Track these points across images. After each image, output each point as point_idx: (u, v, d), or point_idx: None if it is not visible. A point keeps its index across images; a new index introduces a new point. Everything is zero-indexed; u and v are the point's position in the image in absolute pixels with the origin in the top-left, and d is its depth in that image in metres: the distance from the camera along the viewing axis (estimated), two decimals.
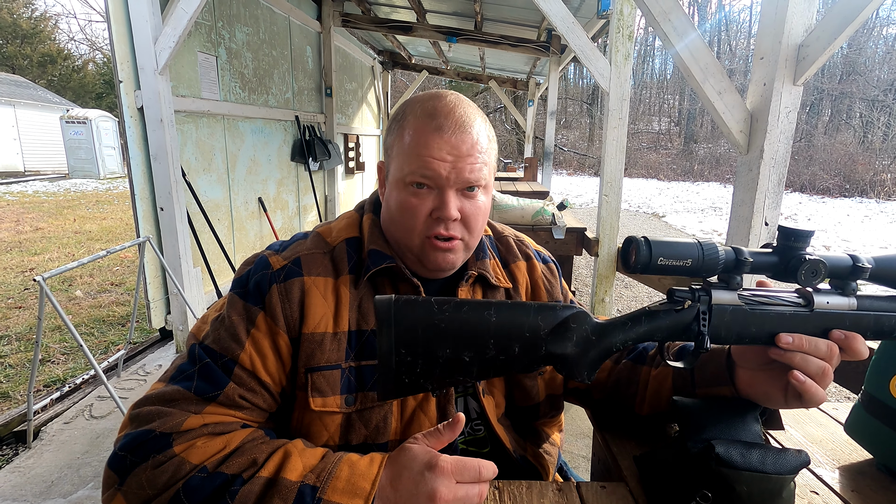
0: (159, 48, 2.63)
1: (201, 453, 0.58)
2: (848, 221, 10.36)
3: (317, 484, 0.56)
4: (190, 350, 0.69)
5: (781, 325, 0.59)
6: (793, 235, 0.57)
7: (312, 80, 5.53)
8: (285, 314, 0.70)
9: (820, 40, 1.52)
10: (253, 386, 0.67)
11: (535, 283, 0.88)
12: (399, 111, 0.76)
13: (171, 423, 0.60)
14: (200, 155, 3.57)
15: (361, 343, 0.73)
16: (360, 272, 0.75)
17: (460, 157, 0.70)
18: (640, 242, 0.55)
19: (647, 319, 0.59)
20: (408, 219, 0.72)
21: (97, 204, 9.86)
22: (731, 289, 0.59)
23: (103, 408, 2.49)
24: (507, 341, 0.56)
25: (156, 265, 3.05)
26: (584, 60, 2.49)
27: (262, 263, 0.73)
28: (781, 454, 0.57)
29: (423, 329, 0.55)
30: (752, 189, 1.71)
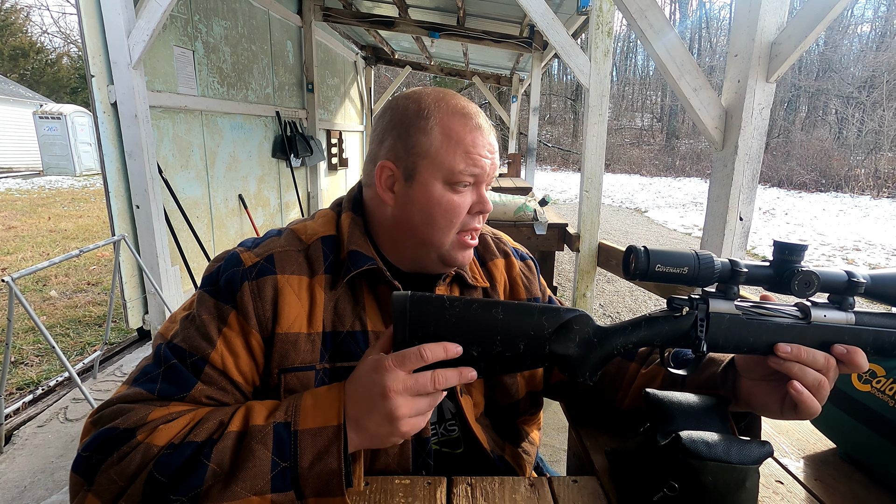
0: (133, 42, 2.57)
1: (166, 434, 0.57)
2: (824, 216, 10.62)
3: (287, 419, 0.57)
4: (156, 350, 0.67)
5: (778, 335, 0.61)
6: (787, 249, 0.60)
7: (293, 76, 5.45)
8: (258, 313, 0.68)
9: (792, 38, 1.54)
10: (224, 385, 0.66)
11: (513, 281, 0.89)
12: (415, 108, 0.73)
13: (135, 417, 0.59)
14: (178, 151, 3.50)
15: (337, 344, 0.72)
16: (336, 272, 0.74)
17: (493, 153, 0.75)
18: (640, 251, 0.58)
19: (647, 325, 0.62)
20: (450, 217, 0.73)
21: (73, 202, 9.62)
22: (729, 298, 0.61)
23: (78, 410, 2.44)
24: (513, 339, 0.59)
25: (132, 264, 2.99)
26: (565, 57, 2.50)
27: (233, 260, 0.71)
28: (746, 445, 0.59)
29: (435, 324, 0.57)
30: (727, 185, 1.74)
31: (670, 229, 9.28)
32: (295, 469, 0.55)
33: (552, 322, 0.60)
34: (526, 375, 0.85)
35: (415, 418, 0.57)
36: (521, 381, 0.84)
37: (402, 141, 0.73)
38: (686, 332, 0.61)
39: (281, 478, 0.55)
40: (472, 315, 0.58)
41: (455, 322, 0.58)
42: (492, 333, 0.58)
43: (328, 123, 6.68)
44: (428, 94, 0.75)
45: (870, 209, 11.53)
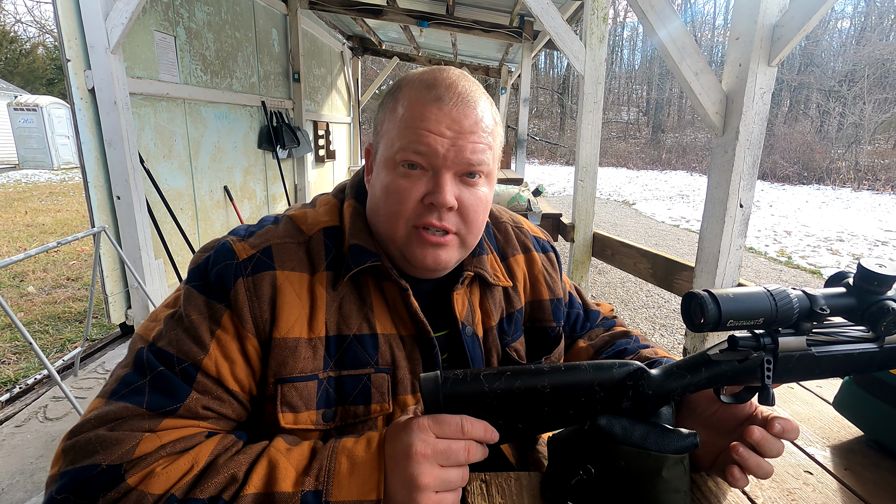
0: (110, 25, 2.46)
1: (164, 480, 0.48)
2: (807, 208, 10.78)
3: (318, 487, 0.49)
4: (137, 356, 0.57)
5: (848, 364, 0.57)
6: (875, 280, 0.54)
7: (279, 65, 5.33)
8: (254, 314, 0.60)
9: (794, 20, 1.51)
10: (220, 394, 0.58)
11: (534, 279, 0.82)
12: (394, 85, 0.68)
13: (120, 451, 0.49)
14: (160, 141, 3.38)
15: (342, 350, 0.64)
16: (339, 269, 0.66)
17: (461, 133, 0.61)
18: (707, 303, 0.51)
19: (707, 368, 0.57)
20: (393, 203, 0.62)
21: (51, 196, 9.35)
22: (801, 334, 0.56)
23: (59, 409, 2.35)
24: (562, 408, 0.55)
25: (113, 257, 2.88)
26: (559, 43, 2.45)
27: (225, 251, 0.63)
28: (668, 433, 0.55)
29: (474, 407, 0.53)
30: (727, 171, 1.71)
31: (658, 221, 9.33)
32: None
33: (604, 384, 0.55)
34: None
35: (440, 494, 0.49)
36: None
37: (375, 121, 0.69)
38: (750, 374, 0.56)
39: None
40: (516, 392, 0.54)
41: (497, 404, 0.53)
42: (539, 406, 0.55)
43: (315, 114, 6.56)
44: (418, 70, 0.68)
45: (851, 201, 11.74)
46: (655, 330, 3.80)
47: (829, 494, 0.63)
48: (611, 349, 0.83)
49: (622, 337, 0.85)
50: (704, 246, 1.83)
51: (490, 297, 0.76)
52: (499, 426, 0.55)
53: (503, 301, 0.77)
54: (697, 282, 1.88)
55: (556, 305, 0.82)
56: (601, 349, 0.84)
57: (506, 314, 0.77)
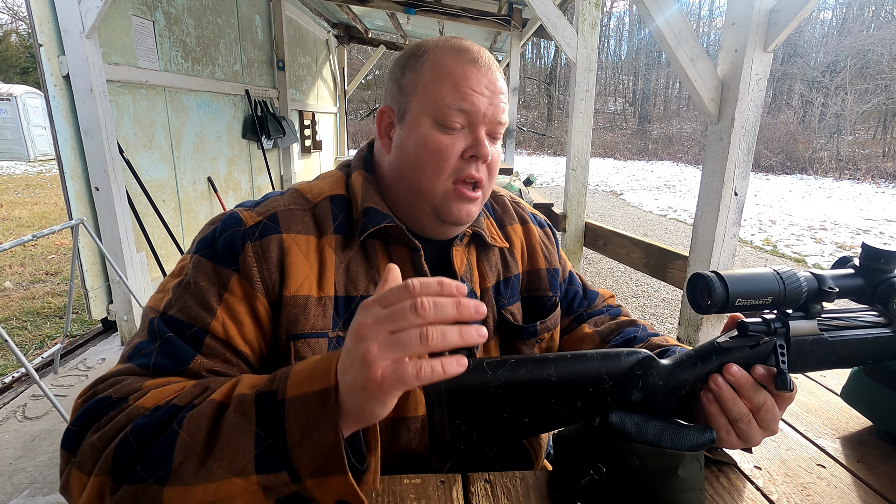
0: (85, 8, 2.35)
1: (156, 397, 0.50)
2: (790, 197, 10.94)
3: (274, 388, 0.46)
4: (149, 325, 0.59)
5: (863, 350, 0.56)
6: (882, 257, 0.53)
7: (263, 53, 5.20)
8: (262, 275, 0.62)
9: (791, 5, 1.49)
10: (228, 356, 0.59)
11: (531, 248, 0.83)
12: (414, 50, 0.69)
13: (130, 387, 0.52)
14: (140, 130, 3.27)
15: (351, 310, 0.66)
16: (348, 233, 0.68)
17: (495, 93, 0.67)
18: (713, 282, 0.49)
19: (717, 356, 0.55)
20: (437, 160, 0.65)
21: (27, 188, 9.08)
22: (811, 317, 0.54)
23: (38, 407, 2.27)
24: (570, 398, 0.53)
25: (93, 251, 2.79)
26: (551, 29, 2.41)
27: (233, 220, 0.64)
28: (682, 429, 0.53)
29: (477, 399, 0.51)
30: (722, 158, 1.70)
31: (646, 211, 9.39)
32: (284, 445, 0.44)
33: (613, 373, 0.53)
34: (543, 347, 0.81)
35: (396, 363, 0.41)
36: (537, 351, 0.80)
37: (397, 83, 0.70)
38: (763, 360, 0.54)
39: (268, 456, 0.44)
40: (521, 381, 0.52)
41: (501, 394, 0.51)
42: (545, 397, 0.52)
43: (300, 104, 6.43)
44: (433, 38, 0.70)
45: (833, 190, 11.94)
46: (646, 320, 3.82)
47: (844, 489, 0.61)
48: (618, 337, 0.81)
49: (629, 325, 0.83)
50: (699, 234, 1.82)
51: (486, 259, 0.77)
52: (504, 420, 0.52)
53: (499, 264, 0.79)
54: (691, 271, 1.87)
55: (553, 276, 0.84)
56: (608, 337, 0.82)
57: (502, 278, 0.79)
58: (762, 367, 0.54)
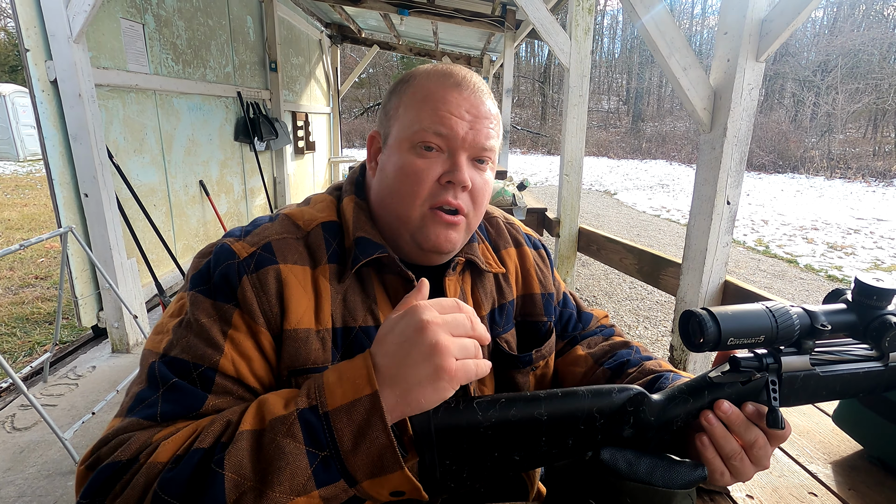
0: (72, 12, 2.31)
1: (170, 448, 0.48)
2: (782, 196, 11.01)
3: (312, 402, 0.48)
4: (149, 370, 0.56)
5: (855, 384, 0.56)
6: (875, 294, 0.53)
7: (255, 54, 5.15)
8: (263, 309, 0.60)
9: (784, 14, 1.49)
10: (241, 394, 0.57)
11: (526, 272, 0.82)
12: (405, 76, 0.70)
13: (138, 444, 0.50)
14: (130, 134, 3.24)
15: (349, 342, 0.64)
16: (342, 262, 0.66)
17: (478, 118, 0.65)
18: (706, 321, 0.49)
19: (709, 392, 0.55)
20: (412, 184, 0.64)
21: (17, 189, 8.98)
22: (803, 352, 0.54)
23: (28, 418, 2.25)
24: (561, 436, 0.52)
25: (82, 257, 2.75)
26: (544, 34, 2.40)
27: (225, 252, 0.62)
28: (674, 466, 0.53)
29: (467, 438, 0.51)
30: (714, 168, 1.70)
31: (640, 211, 9.42)
32: (338, 455, 0.46)
33: (604, 410, 0.53)
34: (538, 374, 0.80)
35: (462, 361, 0.48)
36: (532, 380, 0.79)
37: (384, 108, 0.70)
38: (755, 395, 0.54)
39: (324, 469, 0.46)
40: (511, 420, 0.51)
41: (492, 434, 0.51)
42: (536, 436, 0.51)
43: (293, 105, 6.39)
44: (426, 65, 0.70)
45: (824, 189, 12.04)
46: (639, 322, 3.83)
47: None
48: (612, 360, 0.80)
49: (623, 347, 0.83)
50: (692, 243, 1.82)
51: (481, 287, 0.76)
52: (494, 458, 0.51)
53: (494, 292, 0.78)
54: (685, 279, 1.87)
55: (548, 300, 0.83)
56: (601, 359, 0.82)
57: (497, 305, 0.77)
58: (753, 405, 0.54)
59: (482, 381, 0.75)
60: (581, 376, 0.81)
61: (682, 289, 1.88)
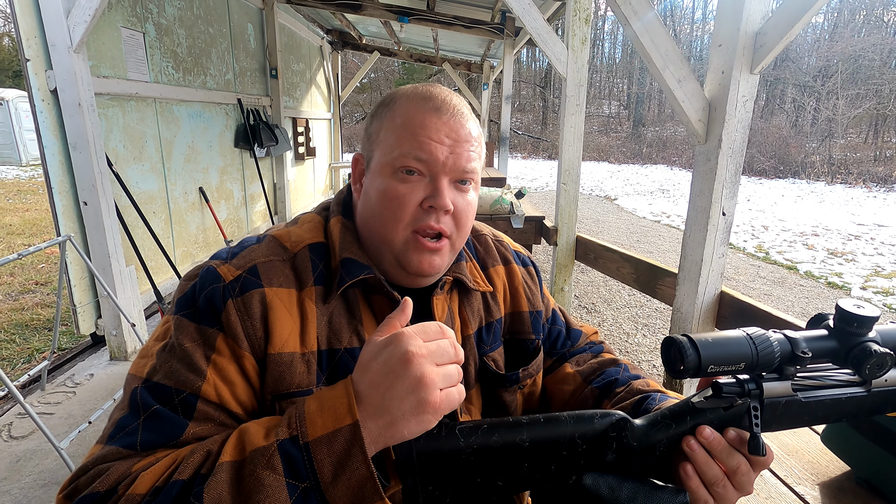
0: (73, 22, 2.33)
1: (149, 479, 0.48)
2: (783, 202, 11.01)
3: (293, 433, 0.48)
4: (131, 396, 0.56)
5: (837, 410, 0.56)
6: (855, 321, 0.53)
7: (256, 61, 5.18)
8: (247, 333, 0.60)
9: (777, 28, 1.50)
10: (223, 419, 0.57)
11: (514, 290, 0.82)
12: (385, 98, 0.70)
13: (116, 475, 0.50)
14: (129, 142, 3.25)
15: (334, 364, 0.64)
16: (328, 283, 0.66)
17: (458, 141, 0.65)
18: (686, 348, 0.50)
19: (692, 417, 0.55)
20: (393, 209, 0.65)
21: (18, 193, 9.01)
22: (785, 378, 0.55)
23: (25, 426, 2.25)
24: (543, 462, 0.53)
25: (81, 266, 2.76)
26: (541, 44, 2.41)
27: (211, 276, 0.62)
28: (656, 491, 0.54)
29: (450, 465, 0.51)
30: (710, 179, 1.70)
31: (640, 217, 9.42)
32: (318, 486, 0.46)
33: (586, 436, 0.53)
34: (525, 392, 0.80)
35: (447, 390, 0.49)
36: (520, 398, 0.79)
37: (367, 131, 0.71)
38: (737, 421, 0.55)
39: (304, 500, 0.46)
40: (493, 446, 0.52)
41: (474, 460, 0.51)
42: (518, 461, 0.52)
43: (294, 111, 6.42)
44: (408, 86, 0.70)
45: (825, 195, 12.03)
46: (638, 330, 3.83)
47: None
48: (600, 378, 0.80)
49: (611, 365, 0.83)
50: (687, 254, 1.82)
51: (468, 306, 0.76)
52: (477, 484, 0.52)
53: (482, 310, 0.78)
54: (680, 289, 1.87)
55: (536, 318, 0.83)
56: (589, 377, 0.82)
57: (484, 323, 0.77)
58: (735, 431, 0.54)
59: (469, 399, 0.75)
60: (569, 394, 0.81)
61: (678, 299, 1.88)
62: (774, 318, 1.57)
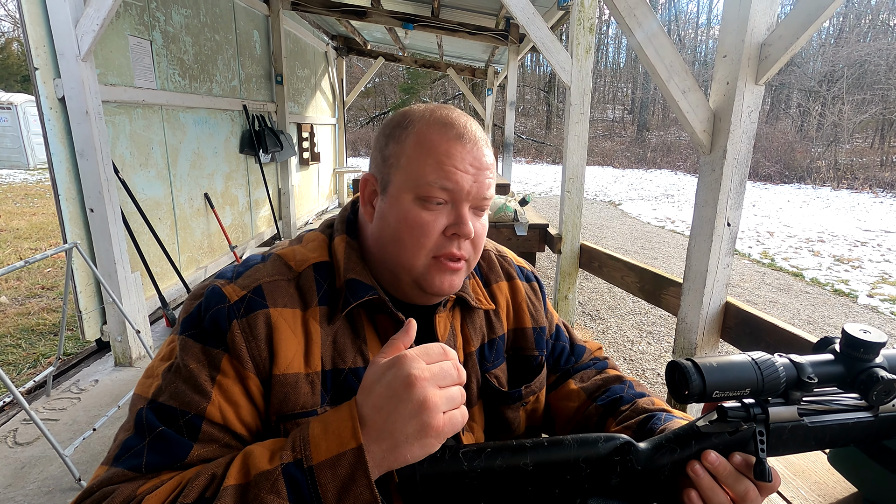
0: (81, 31, 2.36)
1: (154, 503, 0.49)
2: (788, 207, 10.95)
3: (297, 456, 0.48)
4: (136, 417, 0.56)
5: (844, 434, 0.55)
6: (862, 346, 0.53)
7: (261, 67, 5.22)
8: (252, 354, 0.60)
9: (782, 39, 1.50)
10: (227, 441, 0.57)
11: (517, 306, 0.82)
12: (399, 119, 0.69)
13: (121, 497, 0.50)
14: (136, 149, 3.28)
15: (338, 384, 0.64)
16: (333, 303, 0.66)
17: (481, 170, 0.66)
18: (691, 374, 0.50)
19: (697, 442, 0.55)
20: (417, 236, 0.64)
21: (26, 197, 9.09)
22: (791, 403, 0.54)
23: (30, 433, 2.26)
24: (547, 486, 0.53)
25: (87, 272, 2.78)
26: (545, 52, 2.42)
27: (216, 296, 0.62)
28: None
29: (453, 489, 0.51)
30: (714, 189, 1.70)
31: (644, 222, 9.40)
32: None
33: (590, 459, 0.53)
34: (528, 409, 0.80)
35: (450, 413, 0.49)
36: (522, 415, 0.79)
37: (381, 153, 0.69)
38: (742, 446, 0.54)
39: None
40: (497, 470, 0.52)
41: (478, 483, 0.51)
42: (522, 485, 0.52)
43: (299, 117, 6.45)
44: (419, 106, 0.69)
45: (831, 200, 11.96)
46: (643, 338, 3.81)
47: None
48: (605, 395, 0.80)
49: (616, 382, 0.82)
50: (692, 264, 1.82)
51: (470, 323, 0.76)
52: None
53: (484, 327, 0.78)
54: (685, 299, 1.87)
55: (539, 334, 0.83)
56: (594, 394, 0.82)
57: (487, 340, 0.77)
58: (740, 455, 0.53)
59: (472, 416, 0.75)
60: (573, 411, 0.81)
61: (682, 310, 1.88)
62: (780, 330, 1.56)
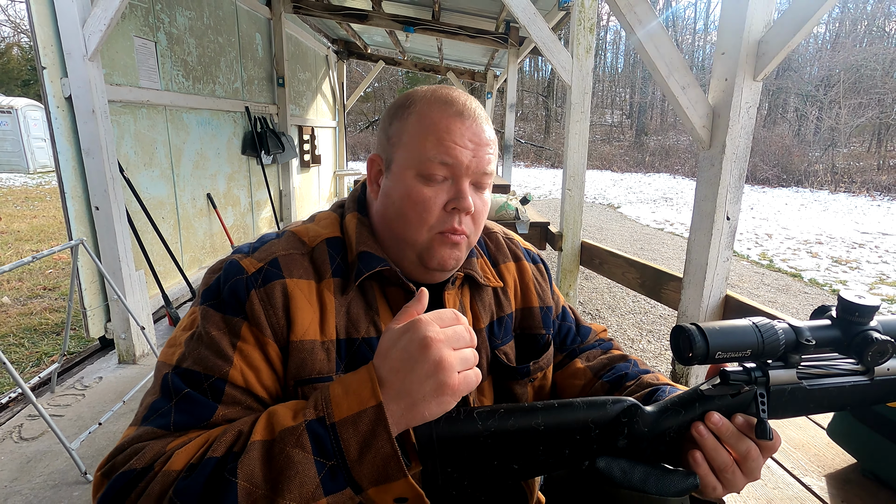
0: (88, 31, 2.39)
1: (184, 456, 0.51)
2: (786, 210, 11.00)
3: (319, 413, 0.50)
4: (162, 381, 0.59)
5: (841, 398, 0.58)
6: (856, 311, 0.55)
7: (263, 69, 5.26)
8: (271, 321, 0.62)
9: (779, 36, 1.53)
10: (249, 403, 0.60)
11: (525, 286, 0.84)
12: (402, 100, 0.72)
13: (152, 453, 0.52)
14: (140, 149, 3.31)
15: (352, 353, 0.67)
16: (345, 275, 0.69)
17: (480, 145, 0.68)
18: (695, 336, 0.52)
19: (700, 404, 0.57)
20: (420, 212, 0.67)
21: (27, 200, 9.10)
22: (790, 366, 0.57)
23: (35, 428, 2.27)
24: (558, 446, 0.55)
25: (92, 269, 2.80)
26: (546, 53, 2.46)
27: (234, 268, 0.65)
28: (667, 474, 0.55)
29: (468, 447, 0.53)
30: (714, 184, 1.73)
31: (643, 225, 9.44)
32: (344, 464, 0.49)
33: (599, 421, 0.55)
34: (536, 386, 0.82)
35: (464, 372, 0.51)
36: (530, 390, 0.81)
37: (385, 132, 0.72)
38: (744, 408, 0.57)
39: (331, 478, 0.49)
40: (510, 430, 0.54)
41: (491, 443, 0.53)
42: (534, 445, 0.54)
43: (300, 119, 6.49)
44: (423, 88, 0.72)
45: (828, 203, 12.02)
46: (643, 336, 3.83)
47: None
48: (610, 373, 0.82)
49: (621, 360, 0.84)
50: (692, 258, 1.84)
51: (479, 301, 0.78)
52: (494, 467, 0.54)
53: (493, 305, 0.80)
54: (686, 293, 1.89)
55: (546, 314, 0.85)
56: (599, 372, 0.84)
57: (496, 318, 0.79)
58: (742, 416, 0.56)
59: (481, 391, 0.77)
60: (580, 389, 0.83)
61: (683, 303, 1.90)
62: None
